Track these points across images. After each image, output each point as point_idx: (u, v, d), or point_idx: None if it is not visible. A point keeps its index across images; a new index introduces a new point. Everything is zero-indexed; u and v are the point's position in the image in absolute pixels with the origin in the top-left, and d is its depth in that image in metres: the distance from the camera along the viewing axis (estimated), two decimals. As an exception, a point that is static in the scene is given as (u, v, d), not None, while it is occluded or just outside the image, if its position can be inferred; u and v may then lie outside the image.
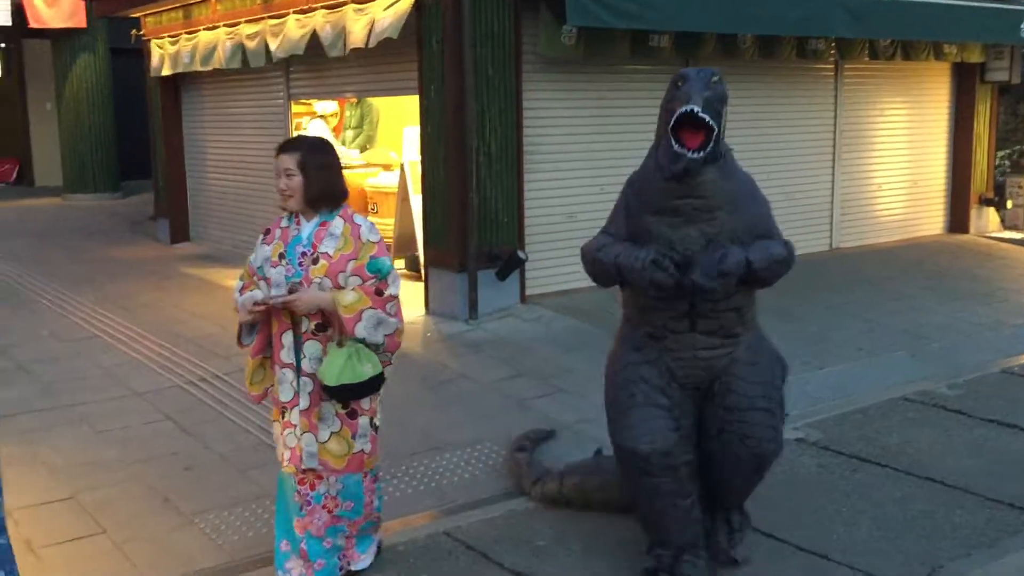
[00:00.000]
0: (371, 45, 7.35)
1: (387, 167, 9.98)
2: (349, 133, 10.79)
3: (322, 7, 8.11)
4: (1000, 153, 11.99)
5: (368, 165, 10.20)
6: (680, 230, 3.32)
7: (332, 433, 3.58)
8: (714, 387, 3.54)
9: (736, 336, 3.52)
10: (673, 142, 3.16)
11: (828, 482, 4.68)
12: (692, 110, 3.09)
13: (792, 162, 9.37)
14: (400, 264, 8.70)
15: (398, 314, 3.58)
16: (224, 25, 9.52)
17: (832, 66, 9.68)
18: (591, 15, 6.91)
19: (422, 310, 7.46)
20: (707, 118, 3.12)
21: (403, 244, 8.58)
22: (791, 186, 9.37)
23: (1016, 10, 9.96)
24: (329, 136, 10.53)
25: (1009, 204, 11.10)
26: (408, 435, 5.24)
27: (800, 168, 9.53)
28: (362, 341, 3.46)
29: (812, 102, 9.65)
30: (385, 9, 7.29)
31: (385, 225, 9.32)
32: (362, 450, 3.64)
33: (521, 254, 7.29)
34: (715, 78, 3.23)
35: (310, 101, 10.48)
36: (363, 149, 10.61)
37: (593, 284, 3.78)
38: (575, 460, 4.59)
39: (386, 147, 10.45)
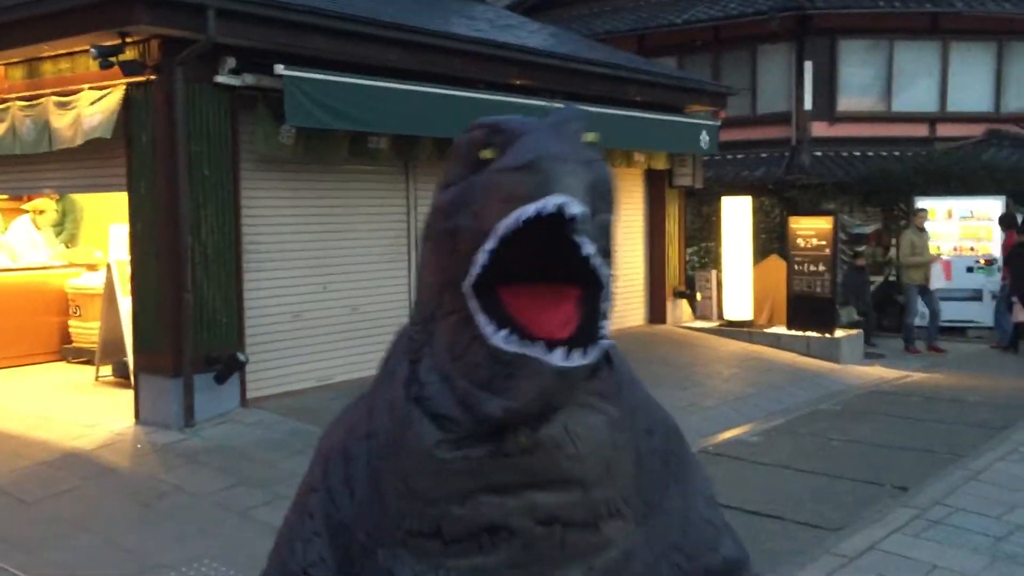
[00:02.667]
0: (79, 143, 6.96)
1: (92, 267, 9.36)
2: (50, 231, 10.04)
3: (16, 98, 7.57)
4: (689, 250, 13.31)
5: (70, 265, 9.51)
6: None
7: None
8: None
9: None
10: (484, 321, 1.30)
11: None
12: (562, 209, 1.23)
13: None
14: (107, 371, 8.09)
15: None
16: None
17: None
18: (308, 115, 6.96)
19: (131, 420, 6.95)
20: (592, 252, 1.27)
21: (110, 349, 7.98)
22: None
23: (696, 124, 11.24)
24: (37, 236, 9.74)
25: (699, 296, 12.30)
26: (117, 557, 4.81)
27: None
28: None
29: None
30: (92, 104, 6.93)
31: (90, 329, 8.70)
32: None
33: (241, 356, 7.02)
34: (591, 135, 1.45)
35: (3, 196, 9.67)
36: (65, 247, 9.90)
37: (319, 383, 2.12)
38: None
39: (90, 246, 9.81)
